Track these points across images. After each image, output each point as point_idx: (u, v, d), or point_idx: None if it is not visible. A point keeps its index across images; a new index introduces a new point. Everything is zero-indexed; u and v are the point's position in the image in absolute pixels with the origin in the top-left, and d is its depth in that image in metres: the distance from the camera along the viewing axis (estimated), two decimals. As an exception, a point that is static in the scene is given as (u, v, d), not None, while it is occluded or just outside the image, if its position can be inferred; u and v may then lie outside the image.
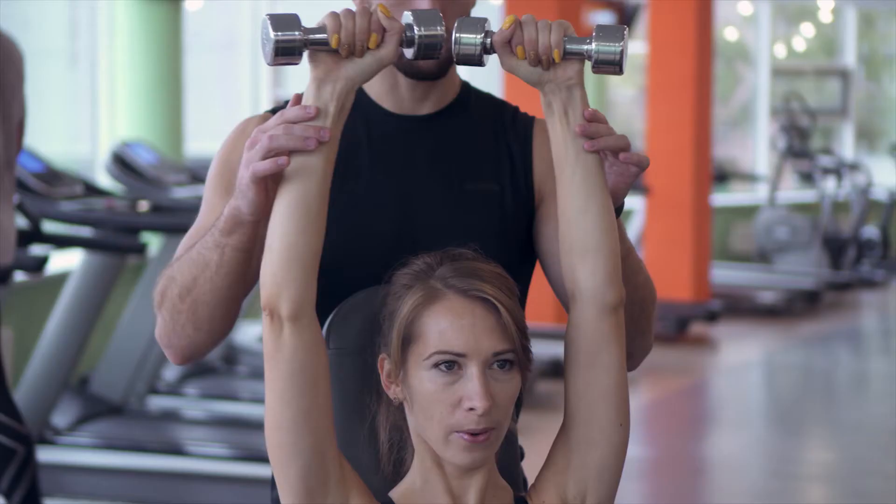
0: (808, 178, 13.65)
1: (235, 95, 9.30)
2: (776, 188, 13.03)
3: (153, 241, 6.27)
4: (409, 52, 1.72)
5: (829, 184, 13.48)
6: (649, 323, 1.92)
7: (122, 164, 6.36)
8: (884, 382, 9.07)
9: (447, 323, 1.66)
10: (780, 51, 15.40)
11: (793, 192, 14.69)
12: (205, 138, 8.33)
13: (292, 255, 1.64)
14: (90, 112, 7.51)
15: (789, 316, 10.56)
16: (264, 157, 1.66)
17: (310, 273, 1.65)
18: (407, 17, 1.71)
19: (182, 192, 6.24)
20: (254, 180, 1.68)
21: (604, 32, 1.73)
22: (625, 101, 14.29)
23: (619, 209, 1.82)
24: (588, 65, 1.75)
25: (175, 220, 5.50)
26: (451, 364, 1.65)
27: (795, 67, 15.98)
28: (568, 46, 1.72)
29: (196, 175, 6.61)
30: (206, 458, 5.54)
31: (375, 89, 1.94)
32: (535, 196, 1.95)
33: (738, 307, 10.31)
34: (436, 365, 1.66)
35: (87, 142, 7.58)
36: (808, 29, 16.64)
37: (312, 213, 1.65)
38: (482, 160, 1.94)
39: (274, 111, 1.97)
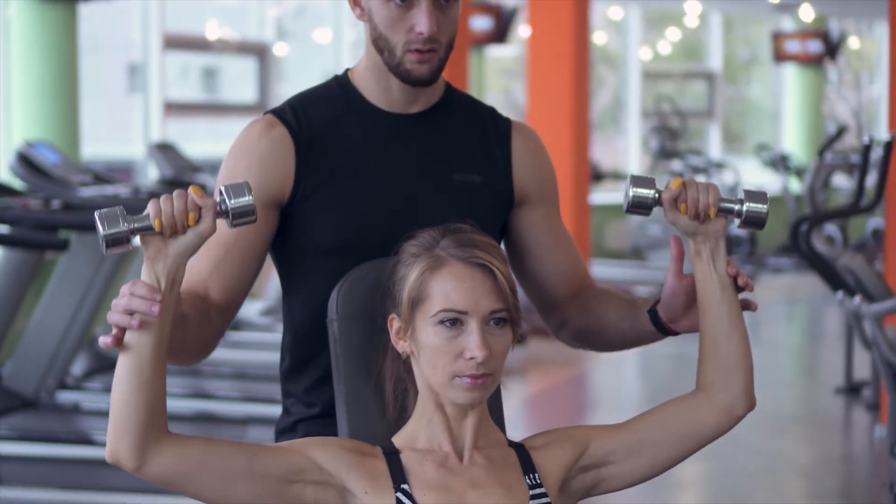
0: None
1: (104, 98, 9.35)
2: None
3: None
4: (226, 223, 1.95)
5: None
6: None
7: (27, 163, 6.45)
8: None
9: (451, 286, 1.94)
10: (645, 54, 15.82)
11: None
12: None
13: (127, 418, 1.87)
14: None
15: (663, 310, 10.96)
16: (114, 325, 1.89)
17: (145, 426, 1.88)
18: (221, 191, 1.93)
19: (88, 192, 6.35)
20: (107, 347, 1.92)
21: (751, 196, 2.09)
22: (495, 102, 14.59)
23: None
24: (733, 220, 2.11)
25: (88, 217, 5.66)
26: (454, 321, 1.93)
27: (664, 70, 16.43)
28: (722, 205, 2.07)
29: (98, 175, 6.73)
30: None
31: (371, 90, 2.19)
32: (514, 192, 2.24)
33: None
34: (441, 322, 1.94)
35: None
36: (673, 33, 17.13)
37: (144, 376, 1.88)
38: (466, 154, 2.21)
39: (275, 112, 2.19)
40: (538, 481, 2.00)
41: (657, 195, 2.07)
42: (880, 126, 18.93)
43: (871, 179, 6.45)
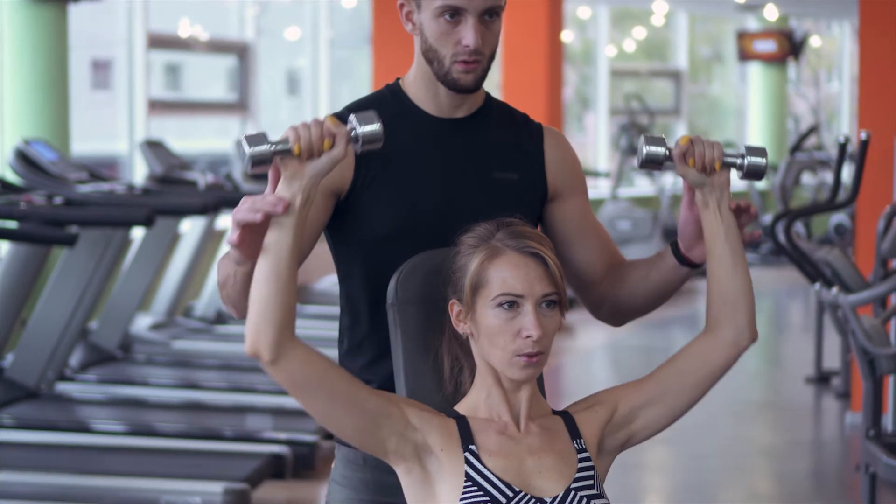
0: (648, 174, 14.29)
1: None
2: (619, 184, 13.63)
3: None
4: (356, 147, 2.17)
5: (667, 179, 14.17)
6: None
7: (26, 161, 6.61)
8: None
9: (508, 272, 2.17)
10: (610, 52, 16.03)
11: (634, 187, 15.39)
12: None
13: (266, 311, 2.10)
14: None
15: (634, 303, 11.19)
16: (235, 227, 2.12)
17: (284, 326, 2.11)
18: (351, 120, 2.16)
19: (85, 188, 6.51)
20: (231, 246, 2.16)
21: (752, 151, 2.33)
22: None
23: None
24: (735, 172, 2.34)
25: (94, 213, 5.84)
26: (511, 303, 2.17)
27: (632, 69, 16.65)
28: (726, 159, 2.29)
29: (93, 172, 6.90)
30: (107, 434, 6.00)
31: (420, 97, 2.43)
32: (548, 188, 2.48)
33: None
34: (500, 304, 2.16)
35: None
36: (639, 32, 17.37)
37: (282, 278, 2.11)
38: (504, 154, 2.45)
39: (337, 115, 2.39)
40: (583, 446, 2.23)
41: (668, 152, 2.30)
42: (840, 122, 19.25)
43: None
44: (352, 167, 2.33)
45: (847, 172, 9.76)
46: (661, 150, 2.30)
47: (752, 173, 2.34)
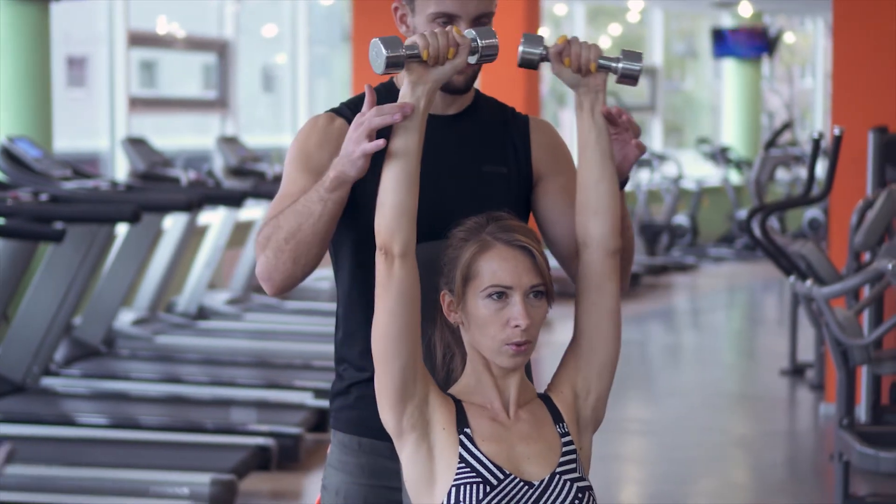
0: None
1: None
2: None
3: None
4: (472, 59, 2.32)
5: (643, 175, 14.29)
6: (629, 266, 2.54)
7: (11, 158, 6.67)
8: (694, 353, 9.91)
9: (497, 265, 2.27)
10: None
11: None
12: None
13: (401, 210, 2.24)
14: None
15: (611, 297, 11.28)
16: (369, 136, 2.25)
17: (413, 223, 2.26)
18: (470, 32, 2.32)
19: (70, 185, 6.57)
20: (363, 154, 2.27)
21: (628, 55, 2.36)
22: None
23: (623, 182, 2.45)
24: (611, 77, 2.39)
25: (81, 209, 5.91)
26: (500, 294, 2.26)
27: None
28: (601, 61, 2.35)
29: (77, 170, 6.95)
30: (93, 427, 6.08)
31: None
32: (533, 176, 2.58)
33: (568, 290, 10.96)
34: (489, 295, 2.26)
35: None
36: (614, 29, 17.48)
37: (412, 178, 2.26)
38: (494, 148, 2.56)
39: (335, 111, 2.54)
40: (566, 430, 2.34)
41: (545, 51, 2.36)
42: (814, 118, 19.41)
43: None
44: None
45: (821, 168, 9.88)
46: (538, 49, 2.36)
47: (627, 76, 2.37)
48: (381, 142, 2.25)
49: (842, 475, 5.27)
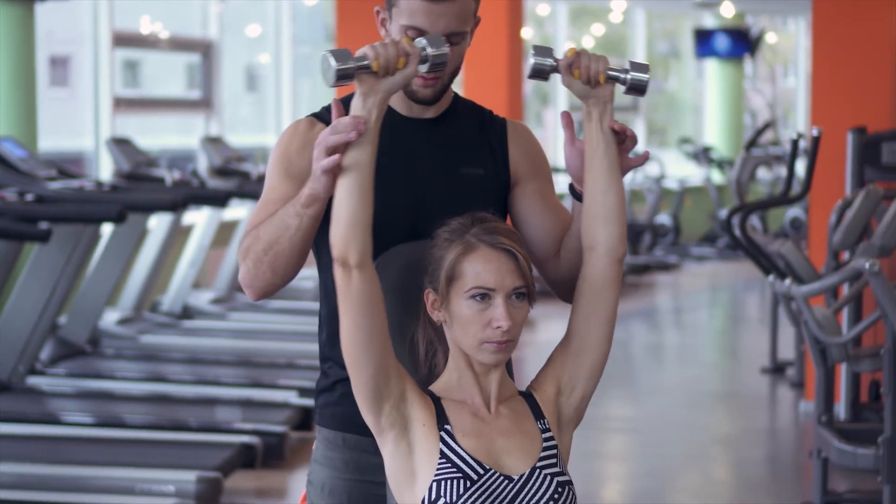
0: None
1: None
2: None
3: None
4: (423, 68, 2.35)
5: (626, 176, 14.33)
6: None
7: (-3, 158, 6.69)
8: (677, 351, 9.98)
9: (481, 266, 2.32)
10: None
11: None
12: None
13: (355, 221, 2.27)
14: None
15: (594, 296, 11.34)
16: (327, 154, 2.29)
17: (367, 234, 2.29)
18: (420, 41, 2.34)
19: (55, 185, 6.59)
20: (323, 172, 2.31)
21: (636, 66, 2.42)
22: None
23: None
24: (619, 87, 2.43)
25: (67, 209, 5.95)
26: (483, 295, 2.31)
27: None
28: (609, 73, 2.39)
29: (62, 170, 6.98)
30: (78, 425, 6.12)
31: (394, 99, 2.57)
32: (511, 177, 2.63)
33: (549, 290, 11.01)
34: (473, 296, 2.31)
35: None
36: (597, 29, 17.54)
37: (365, 190, 2.29)
38: (471, 151, 2.60)
39: (315, 115, 2.59)
40: (547, 426, 2.39)
41: (555, 63, 2.41)
42: (796, 117, 19.50)
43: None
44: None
45: (801, 167, 9.95)
46: (548, 60, 2.40)
47: (635, 88, 2.42)
48: (336, 157, 2.29)
49: (821, 472, 5.33)
